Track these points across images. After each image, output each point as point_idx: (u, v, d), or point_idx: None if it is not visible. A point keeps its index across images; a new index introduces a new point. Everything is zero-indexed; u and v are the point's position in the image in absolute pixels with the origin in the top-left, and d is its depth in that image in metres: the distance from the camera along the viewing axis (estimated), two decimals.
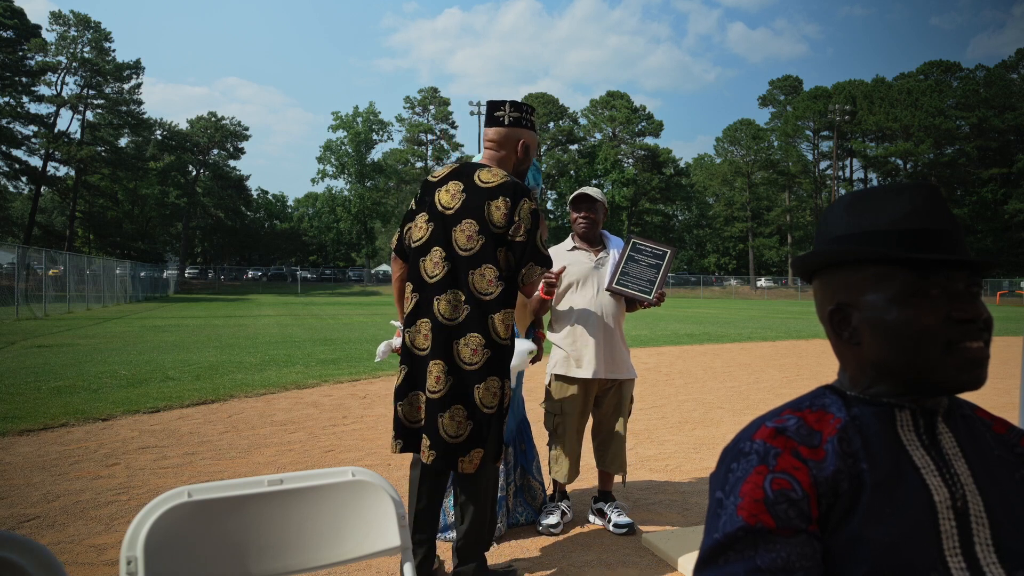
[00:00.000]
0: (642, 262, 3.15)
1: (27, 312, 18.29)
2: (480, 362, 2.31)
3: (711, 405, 6.48)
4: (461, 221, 2.33)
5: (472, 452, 2.31)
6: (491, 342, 2.32)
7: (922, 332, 0.83)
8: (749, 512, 0.79)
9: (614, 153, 61.28)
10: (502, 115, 2.52)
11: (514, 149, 2.51)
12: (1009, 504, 0.83)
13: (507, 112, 2.51)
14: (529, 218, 2.33)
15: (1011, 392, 7.25)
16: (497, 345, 2.33)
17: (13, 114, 44.65)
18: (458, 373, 2.32)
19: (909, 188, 0.89)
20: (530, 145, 2.55)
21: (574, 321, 3.15)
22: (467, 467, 2.31)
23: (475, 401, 2.32)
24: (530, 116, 2.55)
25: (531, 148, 2.55)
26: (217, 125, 61.82)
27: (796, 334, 15.38)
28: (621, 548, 2.97)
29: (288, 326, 16.25)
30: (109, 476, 3.88)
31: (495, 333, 2.32)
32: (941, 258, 0.82)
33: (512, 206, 2.32)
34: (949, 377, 0.83)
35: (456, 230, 2.34)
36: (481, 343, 2.31)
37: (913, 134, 57.95)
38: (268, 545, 1.28)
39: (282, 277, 59.48)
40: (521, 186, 2.39)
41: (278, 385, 7.02)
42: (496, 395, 2.34)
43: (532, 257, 2.34)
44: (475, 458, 2.31)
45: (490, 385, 2.32)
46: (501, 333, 2.33)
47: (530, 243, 2.33)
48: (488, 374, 2.32)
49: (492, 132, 2.53)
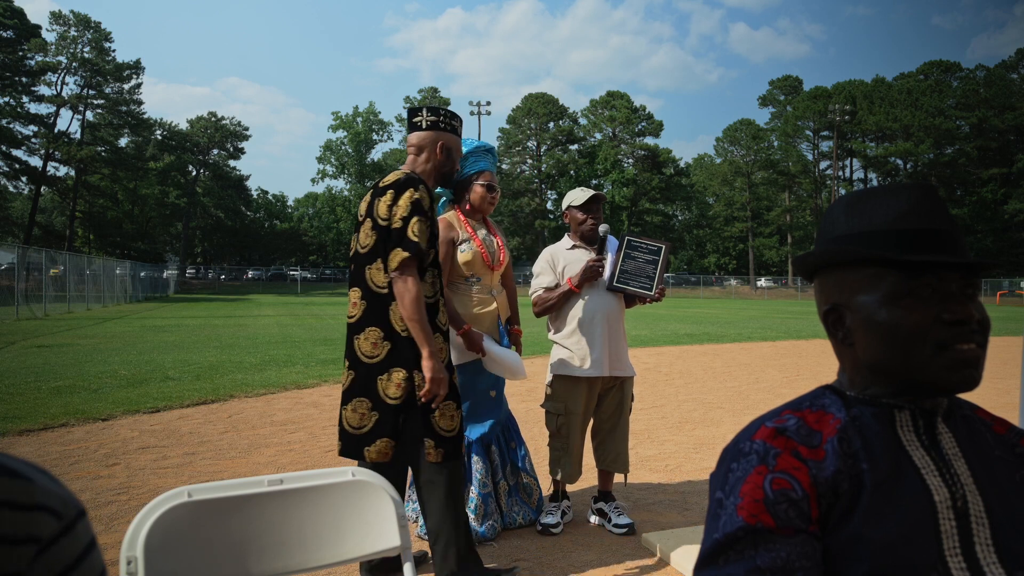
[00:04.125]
0: (639, 259, 3.16)
1: (27, 312, 18.29)
2: (381, 355, 2.36)
3: (711, 405, 6.48)
4: (364, 223, 2.42)
5: (378, 442, 2.34)
6: (390, 334, 2.36)
7: (912, 333, 0.83)
8: (749, 512, 0.79)
9: (614, 153, 61.28)
10: (420, 120, 2.59)
11: (434, 151, 2.55)
12: (1009, 504, 0.83)
13: (424, 117, 2.58)
14: (408, 206, 2.33)
15: (1011, 392, 7.26)
16: (397, 337, 2.36)
17: (13, 114, 44.65)
18: (360, 367, 2.38)
19: (905, 188, 0.88)
20: (451, 147, 2.58)
21: (579, 320, 3.14)
22: (373, 455, 2.34)
23: (379, 393, 2.35)
24: (450, 120, 2.59)
25: (453, 150, 2.60)
26: (217, 125, 61.86)
27: (796, 334, 15.38)
28: (621, 548, 2.97)
29: (288, 326, 16.25)
30: (109, 476, 3.88)
31: (395, 324, 2.36)
32: (927, 260, 0.82)
33: (395, 196, 2.36)
34: (940, 378, 0.83)
35: (360, 232, 2.43)
36: (380, 336, 2.36)
37: (913, 134, 57.96)
38: (268, 545, 1.28)
39: (282, 277, 59.49)
40: (412, 180, 2.39)
41: (278, 385, 7.02)
42: (401, 387, 2.34)
43: (399, 242, 2.31)
44: (383, 448, 2.34)
45: (394, 377, 2.34)
46: (400, 325, 2.35)
47: (402, 229, 2.31)
48: (391, 366, 2.35)
49: (412, 137, 2.59)
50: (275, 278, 59.58)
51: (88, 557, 0.57)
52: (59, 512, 0.55)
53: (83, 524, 0.58)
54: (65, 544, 0.55)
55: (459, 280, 3.02)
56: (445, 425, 2.40)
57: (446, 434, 2.39)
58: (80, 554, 0.56)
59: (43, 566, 0.53)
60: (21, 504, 0.53)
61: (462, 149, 2.69)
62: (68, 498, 0.56)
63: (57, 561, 0.54)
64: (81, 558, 0.56)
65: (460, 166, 3.14)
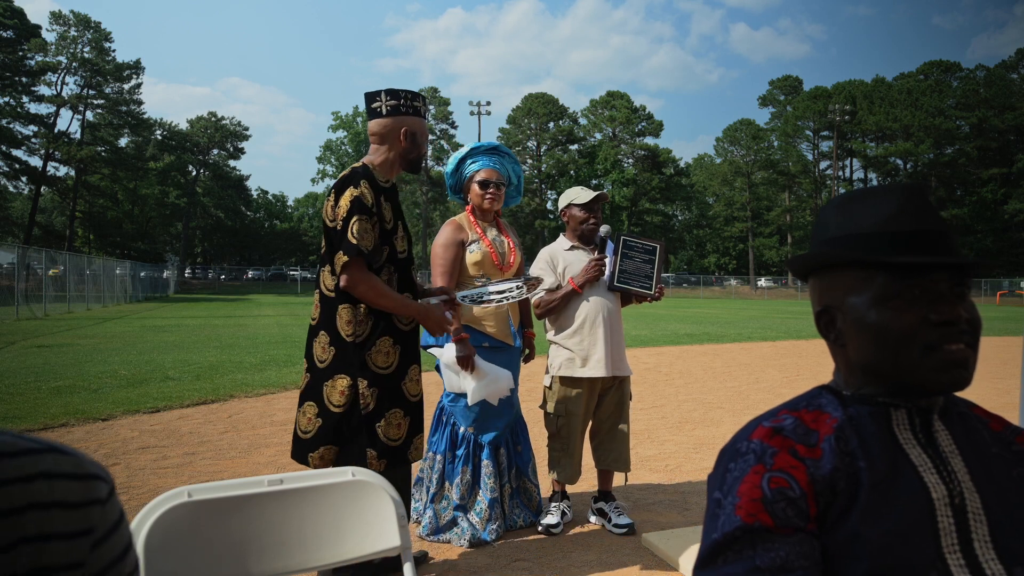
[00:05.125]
0: (636, 258, 3.17)
1: (27, 312, 18.28)
2: (328, 360, 2.30)
3: (711, 405, 6.48)
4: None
5: (322, 449, 2.29)
6: (336, 338, 2.29)
7: (900, 334, 0.83)
8: (747, 511, 0.79)
9: (614, 153, 61.28)
10: (379, 105, 2.38)
11: (397, 138, 2.39)
12: (1006, 501, 0.83)
13: (384, 101, 2.37)
14: (348, 205, 2.22)
15: (1011, 392, 7.26)
16: (343, 342, 2.29)
17: (13, 114, 44.62)
18: (314, 371, 2.35)
19: (895, 190, 0.89)
20: (416, 132, 2.40)
21: (581, 321, 3.14)
22: (316, 462, 2.29)
23: (324, 399, 2.30)
24: (412, 101, 2.39)
25: (417, 134, 2.41)
26: (217, 125, 61.84)
27: (796, 334, 15.38)
28: (621, 548, 2.97)
29: (288, 326, 16.24)
30: None
31: (341, 330, 2.29)
32: (913, 261, 0.82)
33: (336, 196, 2.27)
34: (929, 379, 0.83)
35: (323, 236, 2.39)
36: (327, 341, 2.31)
37: (913, 134, 57.94)
38: (268, 545, 1.28)
39: (282, 277, 59.49)
40: (353, 177, 2.28)
41: (278, 385, 7.02)
42: (344, 394, 2.27)
43: (339, 245, 2.21)
44: (326, 455, 2.29)
45: (337, 384, 2.28)
46: (345, 330, 2.28)
47: (342, 231, 2.21)
48: (335, 372, 2.29)
49: (372, 125, 2.41)
50: (275, 278, 59.57)
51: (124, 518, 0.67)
52: (104, 477, 0.64)
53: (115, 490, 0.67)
54: (113, 504, 0.64)
55: (469, 281, 3.01)
56: (391, 434, 2.34)
57: (391, 443, 2.33)
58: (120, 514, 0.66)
59: (103, 520, 0.62)
60: (77, 475, 0.61)
61: (427, 132, 2.50)
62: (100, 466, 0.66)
63: (109, 518, 0.63)
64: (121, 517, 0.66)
65: (461, 171, 3.13)
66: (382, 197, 2.34)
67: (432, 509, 3.00)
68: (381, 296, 2.26)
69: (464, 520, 2.96)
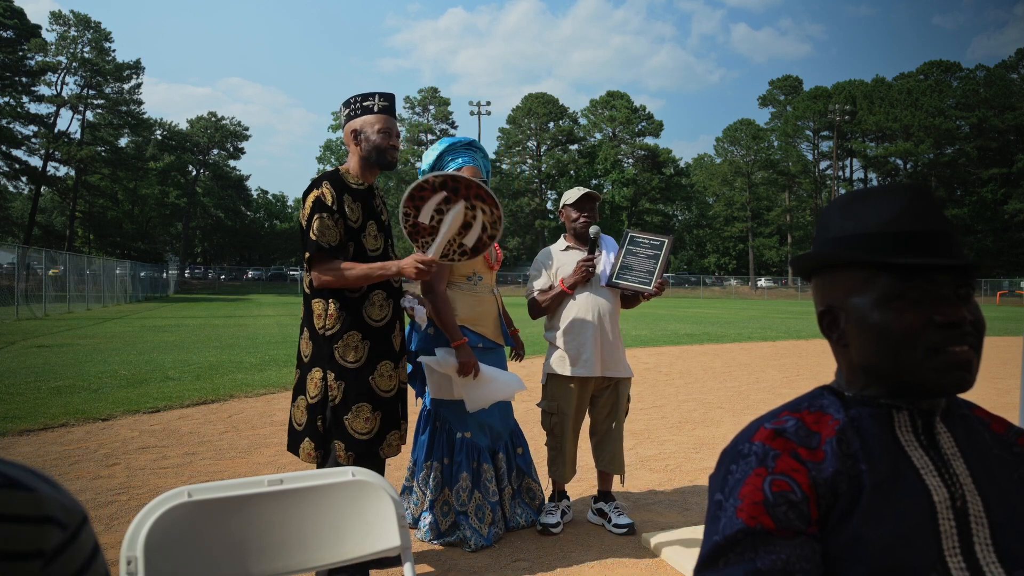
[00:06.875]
0: (640, 254, 3.15)
1: (27, 312, 18.28)
2: (309, 353, 2.45)
3: (711, 405, 6.48)
4: None
5: (305, 441, 2.42)
6: (312, 333, 2.45)
7: (903, 336, 0.83)
8: (749, 514, 0.79)
9: (614, 153, 61.28)
10: (340, 119, 2.62)
11: (353, 142, 2.54)
12: (1008, 503, 0.83)
13: (341, 114, 2.59)
14: (310, 207, 2.39)
15: (1011, 392, 7.25)
16: (316, 335, 2.43)
17: (13, 114, 44.59)
18: (301, 365, 2.50)
19: (899, 190, 0.88)
20: (360, 128, 2.50)
21: (571, 320, 3.14)
22: (304, 457, 2.42)
23: (307, 391, 2.43)
24: (362, 103, 2.53)
25: (366, 130, 2.50)
26: (217, 125, 61.86)
27: (796, 334, 15.38)
28: (621, 548, 2.97)
29: (288, 326, 16.23)
30: (109, 476, 3.88)
31: (315, 323, 2.44)
32: (916, 262, 0.82)
33: (303, 202, 2.44)
34: (931, 380, 0.83)
35: None
36: (308, 336, 2.47)
37: (913, 134, 57.92)
38: (268, 545, 1.28)
39: (282, 277, 59.50)
40: (315, 182, 2.45)
41: (278, 385, 7.02)
42: (317, 385, 2.41)
43: (304, 244, 2.40)
44: (308, 448, 2.42)
45: (314, 375, 2.42)
46: (317, 323, 2.43)
47: (305, 231, 2.38)
48: (313, 365, 2.43)
49: (344, 135, 2.61)
50: (275, 278, 59.55)
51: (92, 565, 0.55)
52: (63, 522, 0.53)
53: (87, 531, 0.56)
54: (70, 554, 0.53)
55: (461, 280, 3.00)
56: (359, 427, 2.40)
57: (360, 436, 2.40)
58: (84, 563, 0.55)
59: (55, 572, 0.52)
60: (28, 517, 0.51)
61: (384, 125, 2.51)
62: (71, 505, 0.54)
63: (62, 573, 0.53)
64: (85, 567, 0.55)
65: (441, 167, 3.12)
66: (349, 197, 2.45)
67: (433, 514, 2.99)
68: (349, 273, 2.37)
69: (466, 524, 2.95)
